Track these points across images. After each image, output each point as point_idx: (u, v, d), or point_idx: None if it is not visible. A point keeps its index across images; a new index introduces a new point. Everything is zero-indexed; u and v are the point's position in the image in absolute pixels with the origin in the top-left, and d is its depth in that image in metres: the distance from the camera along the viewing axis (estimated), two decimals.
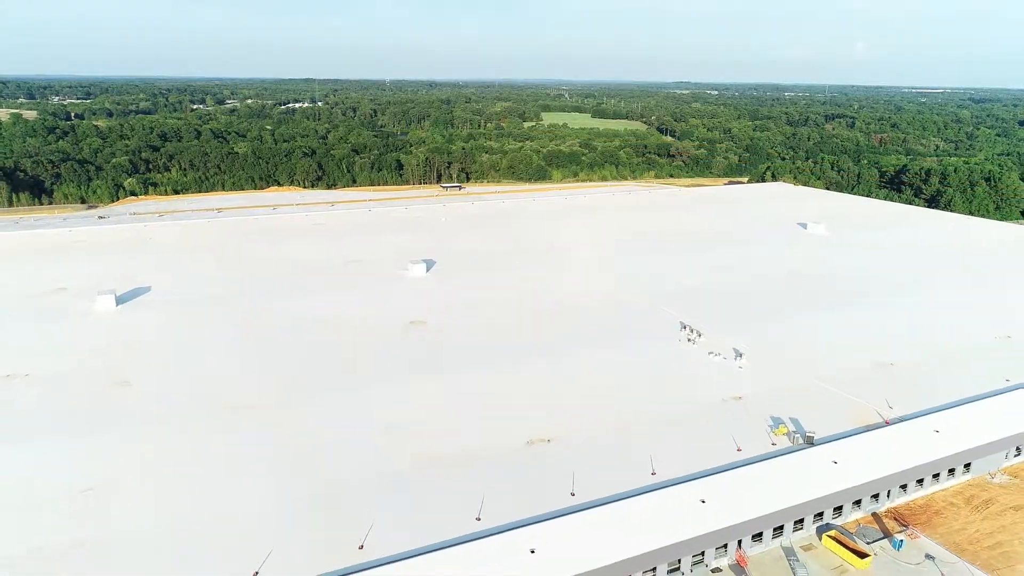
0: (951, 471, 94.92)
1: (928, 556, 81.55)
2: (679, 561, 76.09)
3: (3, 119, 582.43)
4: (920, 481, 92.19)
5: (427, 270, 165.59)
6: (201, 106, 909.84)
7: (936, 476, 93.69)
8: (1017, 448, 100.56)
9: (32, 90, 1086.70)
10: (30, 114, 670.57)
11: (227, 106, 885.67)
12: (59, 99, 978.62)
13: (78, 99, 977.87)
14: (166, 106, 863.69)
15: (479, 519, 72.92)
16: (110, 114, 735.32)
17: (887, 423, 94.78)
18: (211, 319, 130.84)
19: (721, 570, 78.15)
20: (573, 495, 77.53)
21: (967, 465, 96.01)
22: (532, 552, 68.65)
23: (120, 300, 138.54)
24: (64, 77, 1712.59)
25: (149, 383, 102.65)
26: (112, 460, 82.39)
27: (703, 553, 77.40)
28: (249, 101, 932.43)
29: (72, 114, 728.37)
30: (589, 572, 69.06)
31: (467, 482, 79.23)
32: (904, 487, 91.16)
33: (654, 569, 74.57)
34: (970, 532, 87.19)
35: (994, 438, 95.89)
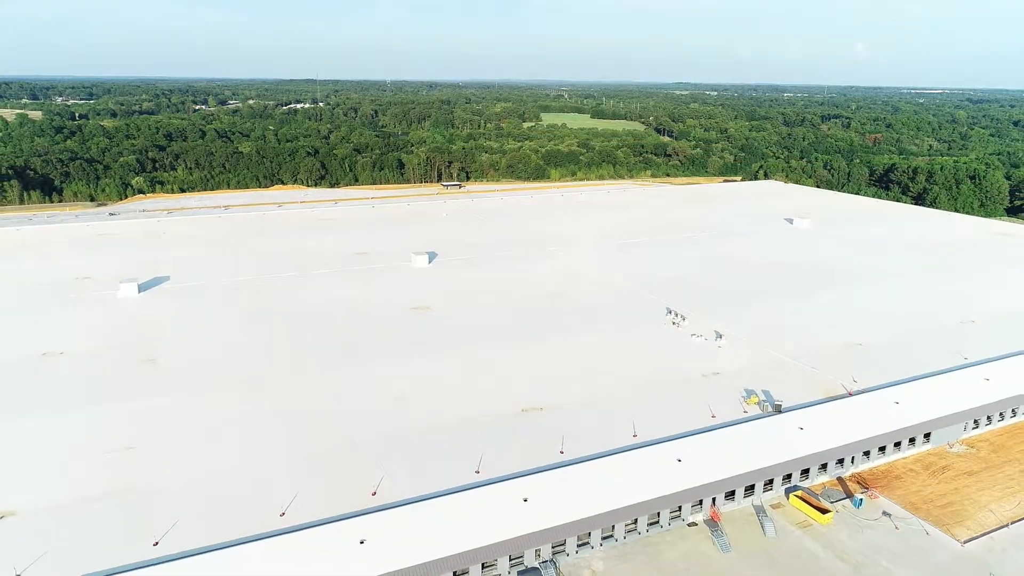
0: (911, 440, 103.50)
1: (885, 513, 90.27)
2: (658, 514, 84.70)
3: (9, 119, 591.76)
4: (882, 449, 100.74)
5: (429, 261, 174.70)
6: (203, 107, 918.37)
7: (897, 445, 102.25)
8: (975, 421, 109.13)
9: (35, 91, 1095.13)
10: (35, 114, 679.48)
11: (229, 107, 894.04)
12: (62, 100, 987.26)
13: (81, 100, 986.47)
14: (169, 107, 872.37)
15: (478, 472, 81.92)
16: (114, 114, 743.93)
17: (850, 394, 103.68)
18: (228, 304, 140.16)
19: (696, 524, 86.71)
20: (562, 453, 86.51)
21: (927, 435, 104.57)
22: (525, 501, 77.47)
23: (142, 288, 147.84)
24: (65, 78, 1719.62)
25: (175, 360, 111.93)
26: (147, 423, 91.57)
27: (680, 508, 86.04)
28: (251, 102, 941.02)
29: (77, 114, 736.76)
30: (577, 521, 77.91)
31: (467, 443, 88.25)
32: (867, 454, 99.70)
33: (635, 521, 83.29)
34: (925, 493, 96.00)
35: (950, 411, 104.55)
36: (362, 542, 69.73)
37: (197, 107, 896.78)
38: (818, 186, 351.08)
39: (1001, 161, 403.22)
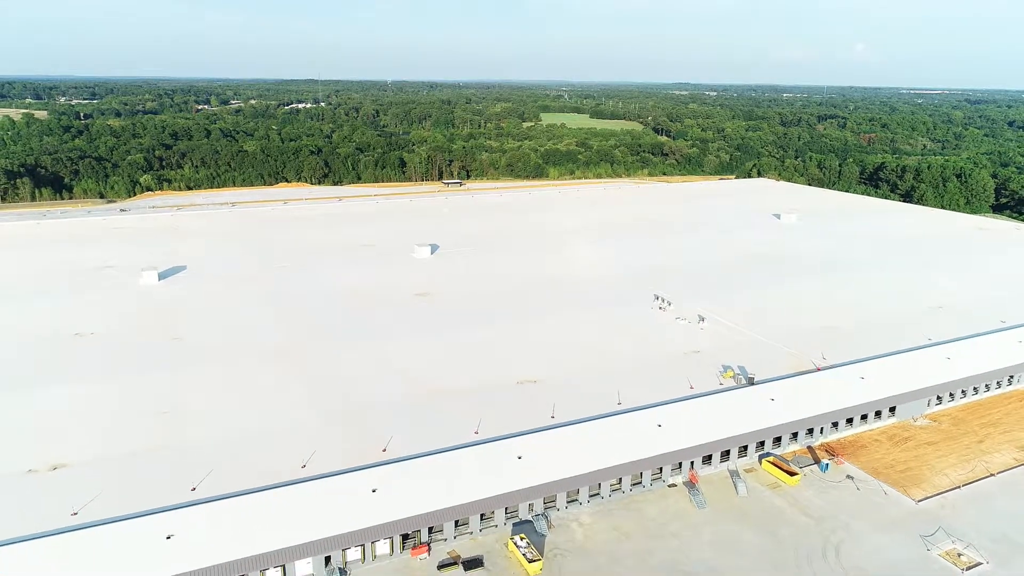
0: (877, 414, 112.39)
1: (849, 476, 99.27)
2: (641, 475, 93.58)
3: (15, 119, 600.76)
4: (849, 421, 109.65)
5: (431, 252, 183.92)
6: (206, 106, 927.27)
7: (864, 417, 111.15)
8: (938, 397, 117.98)
9: (38, 90, 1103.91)
10: (40, 114, 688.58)
11: (231, 106, 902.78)
12: (66, 99, 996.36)
13: (85, 99, 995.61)
14: (172, 106, 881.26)
15: (476, 432, 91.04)
16: (118, 114, 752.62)
17: (819, 369, 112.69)
18: (244, 290, 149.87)
19: (676, 485, 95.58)
20: (553, 417, 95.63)
21: (892, 409, 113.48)
22: (519, 458, 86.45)
23: (162, 276, 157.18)
24: (67, 77, 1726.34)
25: (199, 338, 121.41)
26: (179, 392, 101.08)
27: (661, 470, 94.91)
28: (253, 101, 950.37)
29: (82, 114, 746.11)
30: (566, 479, 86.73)
31: (466, 409, 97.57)
32: (835, 425, 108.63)
33: (620, 480, 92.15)
34: (887, 460, 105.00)
35: (912, 388, 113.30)
36: (374, 491, 78.68)
37: (200, 107, 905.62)
38: (809, 184, 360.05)
39: (991, 160, 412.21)
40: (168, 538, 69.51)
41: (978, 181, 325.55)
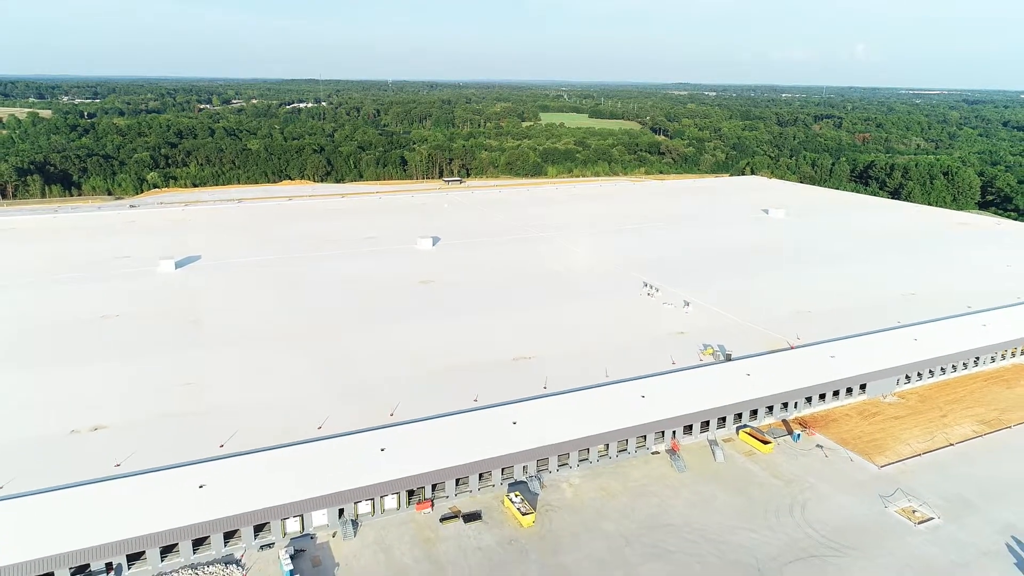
0: (848, 390, 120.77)
1: (818, 445, 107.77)
2: (627, 442, 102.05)
3: (21, 118, 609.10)
4: (822, 396, 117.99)
5: (433, 244, 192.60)
6: (208, 106, 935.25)
7: (836, 394, 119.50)
8: (906, 376, 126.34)
9: (41, 90, 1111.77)
10: (45, 113, 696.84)
11: (233, 106, 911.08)
12: (68, 99, 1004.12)
13: (87, 99, 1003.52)
14: (174, 106, 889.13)
15: (476, 400, 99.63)
16: (121, 113, 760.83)
17: (792, 348, 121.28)
18: (256, 278, 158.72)
19: (659, 453, 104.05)
20: (545, 388, 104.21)
21: (862, 386, 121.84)
22: (514, 423, 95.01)
23: (178, 264, 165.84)
24: (68, 77, 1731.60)
25: (215, 321, 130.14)
26: (201, 368, 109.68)
27: (645, 438, 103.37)
28: (255, 101, 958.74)
29: (86, 113, 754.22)
30: (557, 444, 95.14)
31: (466, 382, 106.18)
32: (808, 400, 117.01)
33: (607, 447, 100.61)
34: (856, 432, 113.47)
35: (880, 367, 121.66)
36: (382, 450, 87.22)
37: (202, 106, 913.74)
38: (801, 182, 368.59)
39: (982, 159, 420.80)
40: (200, 487, 78.11)
41: (964, 179, 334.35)
